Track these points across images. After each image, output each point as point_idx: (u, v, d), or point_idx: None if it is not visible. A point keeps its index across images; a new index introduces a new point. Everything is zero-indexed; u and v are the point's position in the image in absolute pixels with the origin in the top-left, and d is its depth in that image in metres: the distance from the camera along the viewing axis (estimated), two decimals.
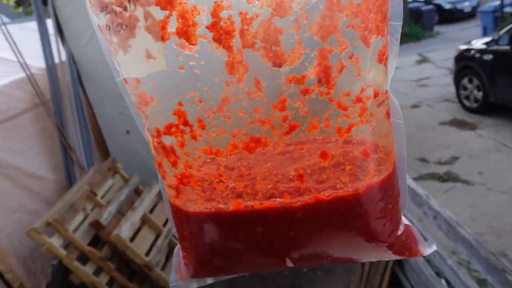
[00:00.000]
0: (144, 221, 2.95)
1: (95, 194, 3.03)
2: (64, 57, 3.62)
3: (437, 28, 13.02)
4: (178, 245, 0.48)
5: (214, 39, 0.34)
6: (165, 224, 3.10)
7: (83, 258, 2.65)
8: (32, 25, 3.72)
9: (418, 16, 12.67)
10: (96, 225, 2.70)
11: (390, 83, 0.42)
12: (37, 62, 3.53)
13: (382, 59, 0.38)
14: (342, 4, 0.34)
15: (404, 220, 0.45)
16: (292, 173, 0.37)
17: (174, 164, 0.39)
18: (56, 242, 2.55)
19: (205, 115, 0.36)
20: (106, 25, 0.35)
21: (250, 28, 0.34)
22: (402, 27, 0.41)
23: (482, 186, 3.60)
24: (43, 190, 3.23)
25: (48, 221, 2.57)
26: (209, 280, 0.47)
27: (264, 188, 0.37)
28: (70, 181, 3.41)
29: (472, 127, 4.99)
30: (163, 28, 0.34)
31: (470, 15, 14.12)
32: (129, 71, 0.37)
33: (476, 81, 5.21)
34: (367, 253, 0.41)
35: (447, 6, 14.29)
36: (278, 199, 0.37)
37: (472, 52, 5.21)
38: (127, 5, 0.34)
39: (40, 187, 3.21)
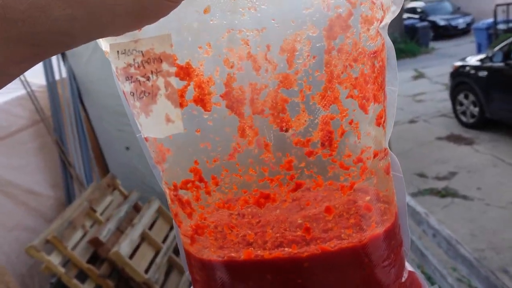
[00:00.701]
0: (144, 237, 2.94)
1: (94, 211, 3.02)
2: (64, 74, 3.65)
3: (432, 44, 13.22)
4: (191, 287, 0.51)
5: (227, 106, 0.38)
6: (164, 240, 3.09)
7: (82, 276, 2.62)
8: None
9: (414, 32, 12.88)
10: (95, 242, 2.69)
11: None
12: (37, 79, 3.56)
13: (380, 122, 0.42)
14: (342, 77, 0.38)
15: (408, 267, 0.47)
16: (299, 222, 0.41)
17: (189, 215, 0.43)
18: (55, 259, 2.54)
19: (219, 173, 0.40)
20: (131, 92, 0.39)
21: (260, 97, 0.38)
22: (398, 43, 0.45)
23: (480, 201, 3.61)
24: (41, 206, 3.21)
25: (47, 238, 2.56)
26: None
27: (273, 237, 0.41)
28: (69, 197, 3.40)
29: (469, 142, 5.03)
30: (182, 96, 0.38)
31: (464, 32, 14.35)
32: (150, 132, 0.41)
33: (472, 97, 5.28)
34: None
35: (442, 23, 14.54)
36: (286, 249, 0.40)
37: (467, 68, 5.30)
38: (150, 75, 0.38)
39: (38, 204, 3.19)
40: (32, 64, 0.30)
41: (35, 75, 3.54)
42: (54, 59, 3.59)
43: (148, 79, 0.38)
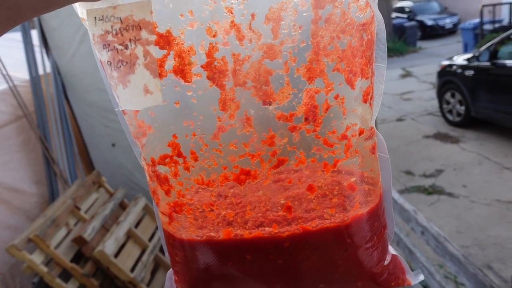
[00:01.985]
0: (129, 236, 2.88)
1: (79, 209, 2.95)
2: (48, 68, 3.57)
3: (419, 44, 13.37)
4: (171, 268, 0.49)
5: (208, 78, 0.37)
6: (150, 239, 3.04)
7: (66, 275, 2.56)
8: (16, 35, 3.65)
9: (402, 32, 13.00)
10: (79, 241, 2.63)
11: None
12: (20, 73, 3.46)
13: (367, 99, 0.41)
14: (328, 49, 0.37)
15: (391, 250, 0.46)
16: (281, 202, 0.39)
17: (167, 192, 0.41)
18: (37, 259, 2.47)
19: (198, 148, 0.39)
20: (108, 61, 0.38)
21: (242, 69, 0.36)
22: (386, 42, 0.43)
23: (466, 198, 3.66)
24: (24, 204, 3.13)
25: (29, 237, 2.49)
26: None
27: (253, 217, 0.39)
28: (52, 195, 3.32)
29: (455, 140, 5.09)
30: (161, 66, 0.37)
31: (451, 32, 14.56)
32: (128, 104, 0.39)
33: (458, 96, 5.34)
34: (354, 283, 0.43)
35: (429, 23, 14.71)
36: (266, 229, 0.39)
37: (454, 67, 5.36)
38: (128, 43, 0.36)
39: (21, 201, 3.11)
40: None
41: (18, 69, 3.44)
42: (38, 53, 3.50)
43: (126, 47, 0.36)
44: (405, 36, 12.95)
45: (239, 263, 0.41)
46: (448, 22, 14.66)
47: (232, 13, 0.35)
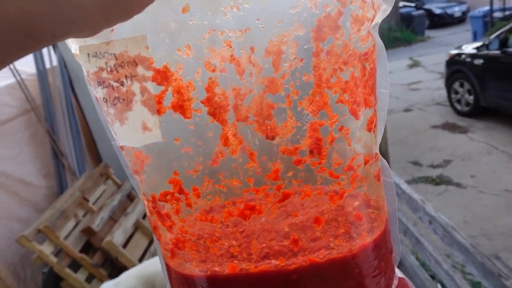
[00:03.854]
0: (137, 227, 2.92)
1: (87, 200, 2.99)
2: (55, 62, 3.59)
3: (427, 33, 13.17)
4: None
5: (209, 113, 0.36)
6: None
7: (75, 265, 2.61)
8: None
9: (409, 21, 12.81)
10: (88, 232, 2.67)
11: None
12: (27, 67, 3.49)
13: (371, 127, 0.40)
14: (331, 81, 0.36)
15: (398, 273, 0.46)
16: (288, 235, 0.39)
17: (169, 229, 0.41)
18: (46, 249, 2.51)
19: (200, 184, 0.38)
20: (103, 98, 0.36)
21: (244, 103, 0.36)
22: (393, 32, 0.42)
23: (474, 189, 3.62)
24: (33, 196, 3.18)
25: (39, 228, 2.53)
26: None
27: (259, 251, 0.39)
28: (61, 187, 3.37)
29: (463, 130, 5.03)
30: (159, 102, 0.36)
31: (460, 20, 14.31)
32: (125, 141, 0.38)
33: (467, 85, 5.27)
34: None
35: (438, 11, 14.47)
36: (273, 262, 0.39)
37: (463, 56, 5.27)
38: (124, 80, 0.35)
39: (30, 194, 3.16)
40: (23, 55, 0.27)
41: (25, 63, 3.47)
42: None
43: (122, 84, 0.35)
44: (413, 25, 12.76)
45: None
46: (456, 10, 14.40)
47: (231, 47, 0.35)
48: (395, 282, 0.44)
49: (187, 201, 0.39)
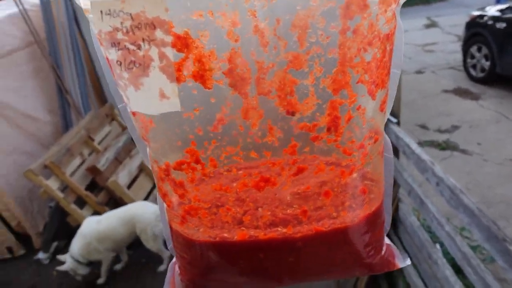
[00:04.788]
0: (142, 169, 2.95)
1: (92, 140, 2.99)
2: None
3: None
4: (173, 260, 0.49)
5: (230, 85, 0.35)
6: None
7: (80, 202, 2.66)
8: None
9: None
10: (93, 171, 2.69)
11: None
12: None
13: (383, 108, 0.41)
14: (355, 61, 0.35)
15: (386, 240, 0.49)
16: (297, 206, 0.40)
17: (182, 196, 0.40)
18: (53, 184, 2.55)
19: (218, 155, 0.38)
20: (117, 61, 0.35)
21: (266, 77, 0.35)
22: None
23: (479, 156, 3.62)
24: (38, 131, 3.17)
25: (45, 163, 2.55)
26: None
27: (269, 220, 0.40)
28: (66, 124, 3.35)
29: (475, 97, 4.93)
30: (179, 70, 0.34)
31: None
32: (140, 107, 0.37)
33: (485, 50, 5.08)
34: (354, 272, 0.46)
35: None
36: (280, 230, 0.40)
37: (485, 18, 5.03)
38: (141, 44, 0.33)
39: (35, 129, 3.15)
40: None
41: None
42: None
43: (139, 47, 0.33)
44: None
45: (250, 262, 0.42)
46: None
47: (255, 17, 0.33)
48: (384, 248, 0.47)
49: (203, 171, 0.39)
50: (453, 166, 3.54)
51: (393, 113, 2.28)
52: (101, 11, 0.33)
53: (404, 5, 0.41)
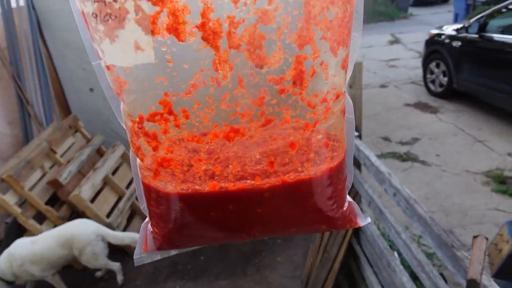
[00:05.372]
0: (106, 182, 2.88)
1: (55, 152, 2.90)
2: (22, 1, 3.33)
3: (411, 10, 13.16)
4: (146, 220, 0.50)
5: (203, 38, 0.37)
6: (128, 186, 3.05)
7: (40, 217, 2.56)
8: None
9: None
10: (55, 184, 2.61)
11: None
12: None
13: (344, 66, 0.44)
14: (318, 19, 0.38)
15: (348, 198, 0.52)
16: (265, 157, 0.42)
17: (155, 148, 0.42)
18: (10, 199, 2.44)
19: (190, 106, 0.39)
20: (93, 13, 0.36)
21: (237, 31, 0.37)
22: (378, 5, 0.43)
23: (437, 167, 3.79)
24: None
25: (2, 177, 2.44)
26: (173, 252, 0.51)
27: (239, 171, 0.42)
28: (26, 136, 3.23)
29: (434, 110, 5.18)
30: (154, 22, 0.36)
31: (443, 0, 14.36)
32: (115, 59, 0.38)
33: (443, 66, 5.37)
34: (319, 226, 0.48)
35: None
36: (249, 181, 0.42)
37: (442, 37, 5.33)
38: None
39: None
40: None
41: None
42: None
43: (116, 0, 0.35)
44: (397, 1, 12.70)
45: (221, 213, 0.43)
46: None
47: None
48: (346, 204, 0.50)
49: (175, 122, 0.40)
50: (413, 176, 3.69)
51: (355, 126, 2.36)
52: None
53: (370, 21, 0.44)
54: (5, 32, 3.23)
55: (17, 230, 2.55)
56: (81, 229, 2.27)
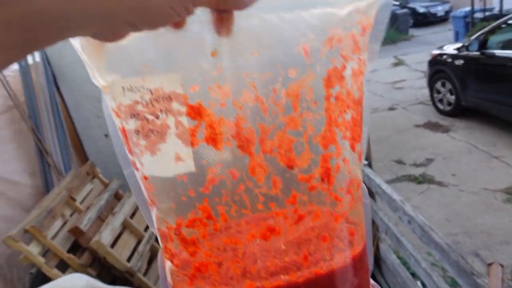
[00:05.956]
0: (125, 226, 2.92)
1: (74, 200, 2.97)
2: (38, 57, 3.53)
3: (411, 31, 13.37)
4: None
5: (238, 146, 0.40)
6: (146, 229, 3.08)
7: (63, 265, 2.60)
8: None
9: (394, 19, 12.97)
10: (76, 232, 2.66)
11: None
12: None
13: (360, 158, 0.48)
14: (338, 121, 0.43)
15: (371, 281, 0.54)
16: (299, 252, 0.44)
17: (193, 254, 0.44)
18: (34, 249, 2.50)
19: (228, 210, 0.42)
20: (136, 130, 0.39)
21: (268, 137, 0.41)
22: None
23: (455, 187, 3.74)
24: (19, 195, 3.14)
25: (26, 228, 2.51)
26: None
27: (275, 268, 0.44)
28: (47, 186, 3.33)
29: (445, 129, 5.17)
30: (193, 135, 0.39)
31: (443, 19, 14.57)
32: (155, 170, 0.41)
33: (448, 85, 5.40)
34: None
35: (421, 10, 14.70)
36: (283, 277, 0.44)
37: (445, 57, 5.40)
38: (159, 114, 0.38)
39: (15, 193, 3.12)
40: (23, 53, 0.27)
41: None
42: None
43: (158, 117, 0.38)
44: (397, 24, 12.94)
45: None
46: (440, 9, 14.65)
47: (255, 87, 0.39)
48: (370, 287, 0.52)
49: (214, 226, 0.42)
50: (431, 198, 3.64)
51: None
52: (123, 87, 0.38)
53: None
54: (23, 88, 3.40)
55: (41, 280, 2.58)
56: (72, 284, 2.27)
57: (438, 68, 5.56)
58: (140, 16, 0.28)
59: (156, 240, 3.37)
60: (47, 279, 2.56)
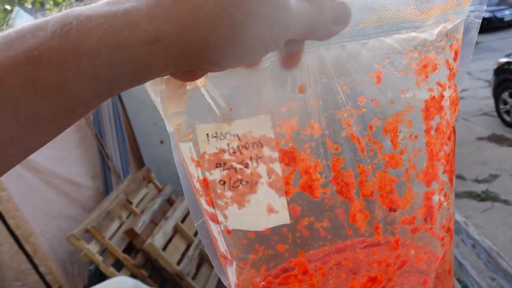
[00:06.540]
0: (176, 230, 3.03)
1: (131, 203, 3.14)
2: None
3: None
4: None
5: (337, 192, 0.37)
6: (196, 234, 3.17)
7: (118, 265, 2.74)
8: None
9: None
10: (131, 234, 2.80)
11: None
12: None
13: (453, 190, 0.44)
14: (439, 155, 0.40)
15: None
16: None
17: None
18: (93, 248, 2.67)
19: (326, 263, 0.39)
20: (221, 180, 0.35)
21: (368, 179, 0.37)
22: None
23: None
24: (81, 196, 3.38)
25: (87, 228, 2.69)
26: None
27: None
28: (107, 188, 3.55)
29: None
30: (287, 183, 0.36)
31: (510, 24, 13.55)
32: (244, 224, 0.37)
33: None
34: None
35: (486, 15, 13.72)
36: None
37: None
38: (249, 162, 0.34)
39: (78, 194, 3.36)
40: (102, 101, 0.25)
41: None
42: None
43: (247, 166, 0.34)
44: None
45: None
46: (507, 14, 13.64)
47: (349, 126, 0.36)
48: None
49: (310, 281, 0.38)
50: (495, 218, 3.37)
51: None
52: (207, 134, 0.34)
53: None
54: None
55: (99, 277, 2.74)
56: (119, 286, 2.33)
57: (505, 77, 5.16)
58: (227, 55, 0.25)
59: None
60: (103, 277, 2.72)
